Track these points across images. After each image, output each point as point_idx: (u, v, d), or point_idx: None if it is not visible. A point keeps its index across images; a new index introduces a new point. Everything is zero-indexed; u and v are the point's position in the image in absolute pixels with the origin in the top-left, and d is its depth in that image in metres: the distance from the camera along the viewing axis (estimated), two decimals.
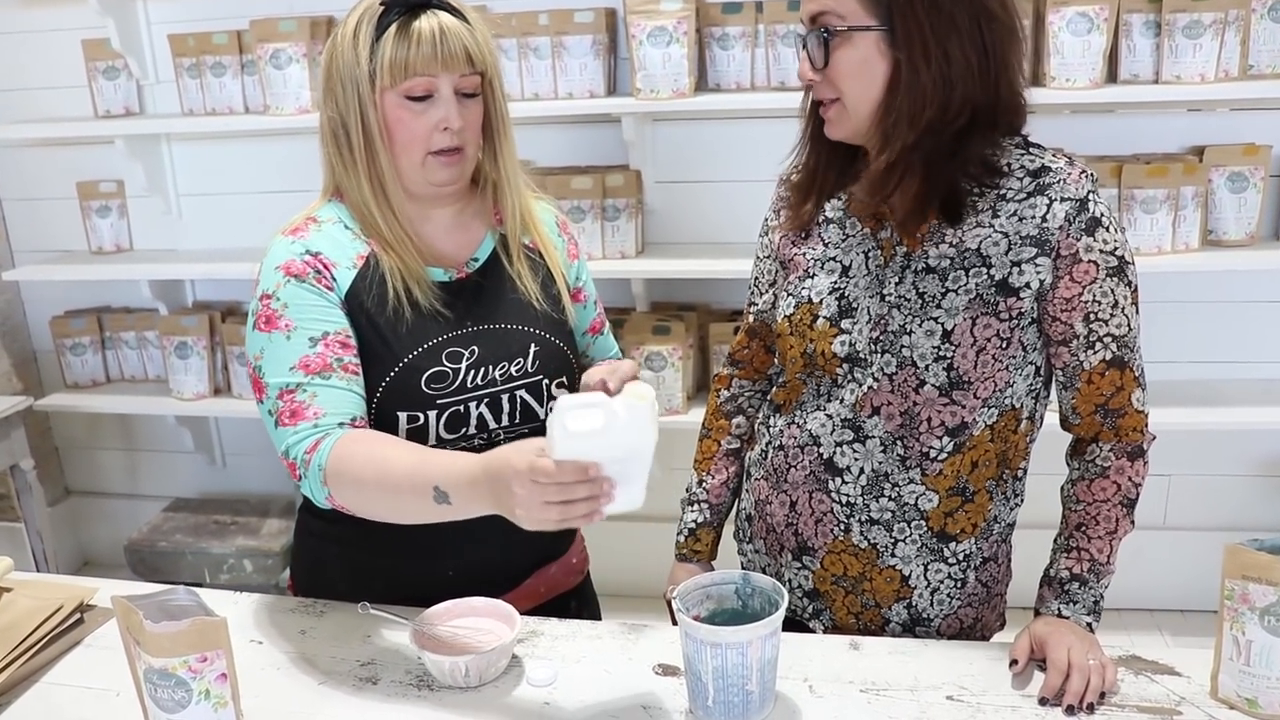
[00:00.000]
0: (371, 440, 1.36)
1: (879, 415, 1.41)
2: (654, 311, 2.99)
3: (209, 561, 3.15)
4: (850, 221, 1.45)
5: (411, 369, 1.44)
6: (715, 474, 1.67)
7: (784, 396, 1.53)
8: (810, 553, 1.51)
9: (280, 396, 1.38)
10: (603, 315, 1.71)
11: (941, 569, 1.47)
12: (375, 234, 1.47)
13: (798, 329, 1.46)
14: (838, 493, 1.46)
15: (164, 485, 3.58)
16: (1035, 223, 1.33)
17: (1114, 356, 1.38)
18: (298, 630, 1.50)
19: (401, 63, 1.39)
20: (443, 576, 1.53)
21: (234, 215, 3.21)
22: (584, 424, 1.12)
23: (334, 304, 1.43)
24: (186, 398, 3.16)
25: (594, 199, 2.80)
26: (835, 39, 1.31)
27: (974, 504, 1.45)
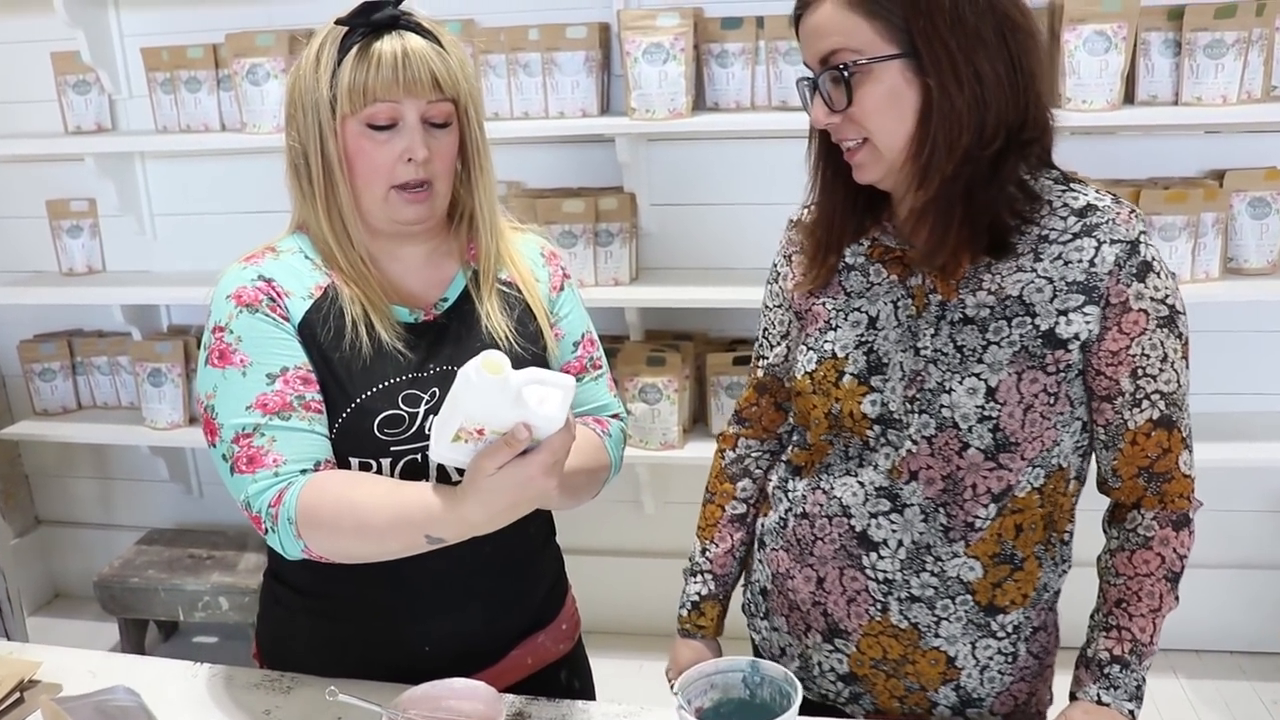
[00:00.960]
0: (341, 485, 1.25)
1: (918, 481, 1.29)
2: (649, 340, 2.87)
3: (183, 599, 3.01)
4: (874, 267, 1.34)
5: (364, 411, 1.32)
6: (720, 542, 1.54)
7: (805, 458, 1.41)
8: (844, 635, 1.37)
9: (236, 440, 1.27)
10: (590, 358, 1.52)
11: (990, 644, 1.34)
12: (336, 268, 1.36)
13: (821, 387, 1.34)
14: (873, 569, 1.33)
15: (138, 515, 3.44)
16: (1083, 267, 1.22)
17: (1161, 416, 1.26)
18: (262, 710, 1.38)
19: (360, 87, 1.27)
20: (419, 652, 1.41)
21: (210, 236, 3.07)
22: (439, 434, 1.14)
23: (290, 335, 1.31)
24: (160, 427, 3.03)
25: (586, 223, 2.68)
26: (856, 75, 1.19)
27: (1023, 572, 1.32)
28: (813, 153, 1.36)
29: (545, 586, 1.54)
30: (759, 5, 2.62)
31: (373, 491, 1.24)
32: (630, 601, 3.10)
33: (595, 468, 1.43)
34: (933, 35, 1.16)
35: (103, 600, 3.06)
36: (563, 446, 1.15)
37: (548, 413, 1.11)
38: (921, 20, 1.16)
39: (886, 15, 1.17)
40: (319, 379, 1.32)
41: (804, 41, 1.24)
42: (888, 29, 1.18)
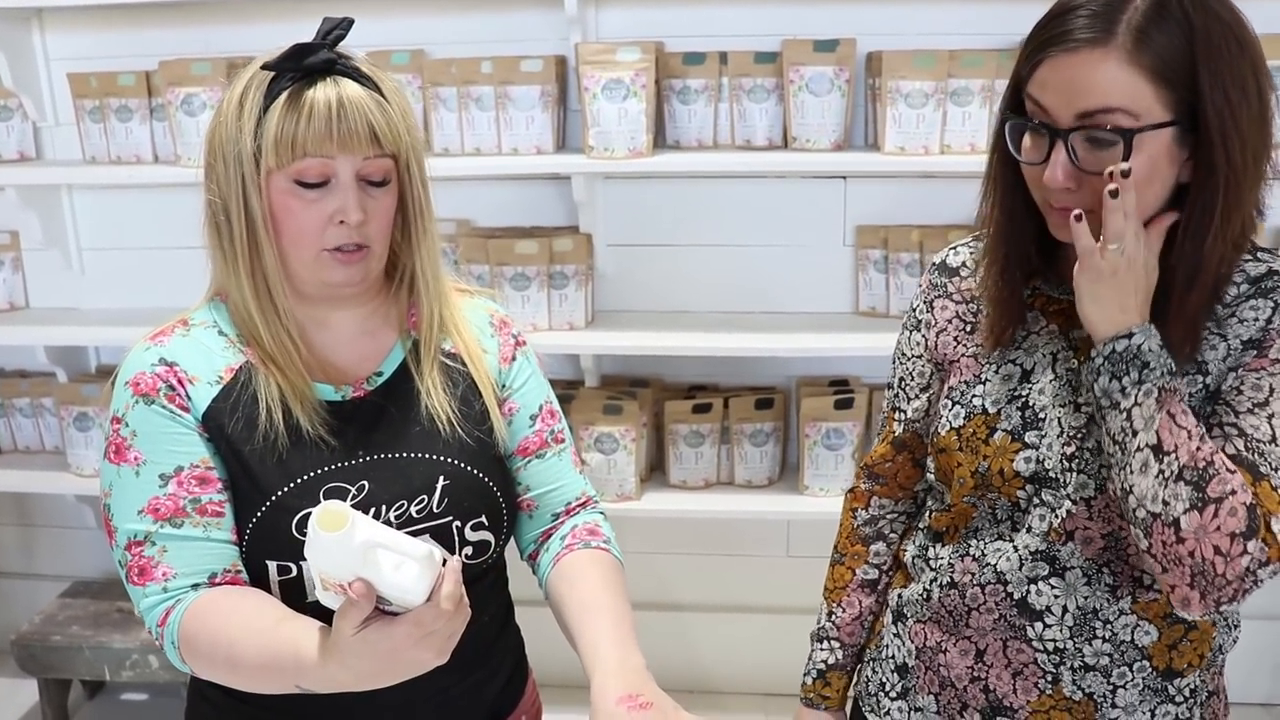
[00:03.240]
0: (220, 616, 1.13)
1: (1075, 542, 1.20)
2: (604, 386, 2.75)
3: (109, 657, 2.83)
4: (1032, 315, 1.25)
5: (281, 509, 1.19)
6: (848, 607, 1.44)
7: (947, 522, 1.31)
8: (1008, 712, 1.28)
9: (128, 548, 1.16)
10: (551, 432, 1.39)
11: (1170, 710, 1.25)
12: (255, 343, 1.22)
13: (969, 444, 1.25)
14: (1040, 640, 1.23)
15: (63, 565, 3.25)
16: (1258, 325, 1.14)
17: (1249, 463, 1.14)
18: None
19: (289, 140, 1.14)
20: None
21: (142, 272, 2.90)
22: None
23: (190, 429, 1.18)
24: (86, 474, 2.85)
25: (540, 265, 2.55)
26: (1135, 139, 1.07)
27: (1198, 632, 1.23)
28: (995, 193, 1.24)
29: (503, 677, 1.41)
30: (722, 40, 2.53)
31: (249, 627, 1.12)
32: None
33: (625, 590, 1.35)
34: (1225, 110, 1.06)
35: (20, 659, 2.86)
36: (434, 620, 1.00)
37: (400, 582, 0.98)
38: (1217, 94, 1.05)
39: (1174, 81, 1.06)
40: (229, 474, 1.20)
41: (1056, 88, 1.10)
42: (1170, 95, 1.06)
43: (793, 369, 2.75)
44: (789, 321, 2.62)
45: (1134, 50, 1.05)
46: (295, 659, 1.06)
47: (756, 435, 2.66)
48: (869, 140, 2.58)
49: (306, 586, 1.20)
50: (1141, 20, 1.06)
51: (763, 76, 2.48)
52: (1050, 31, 1.10)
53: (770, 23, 2.55)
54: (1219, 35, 1.06)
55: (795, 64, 2.42)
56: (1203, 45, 1.05)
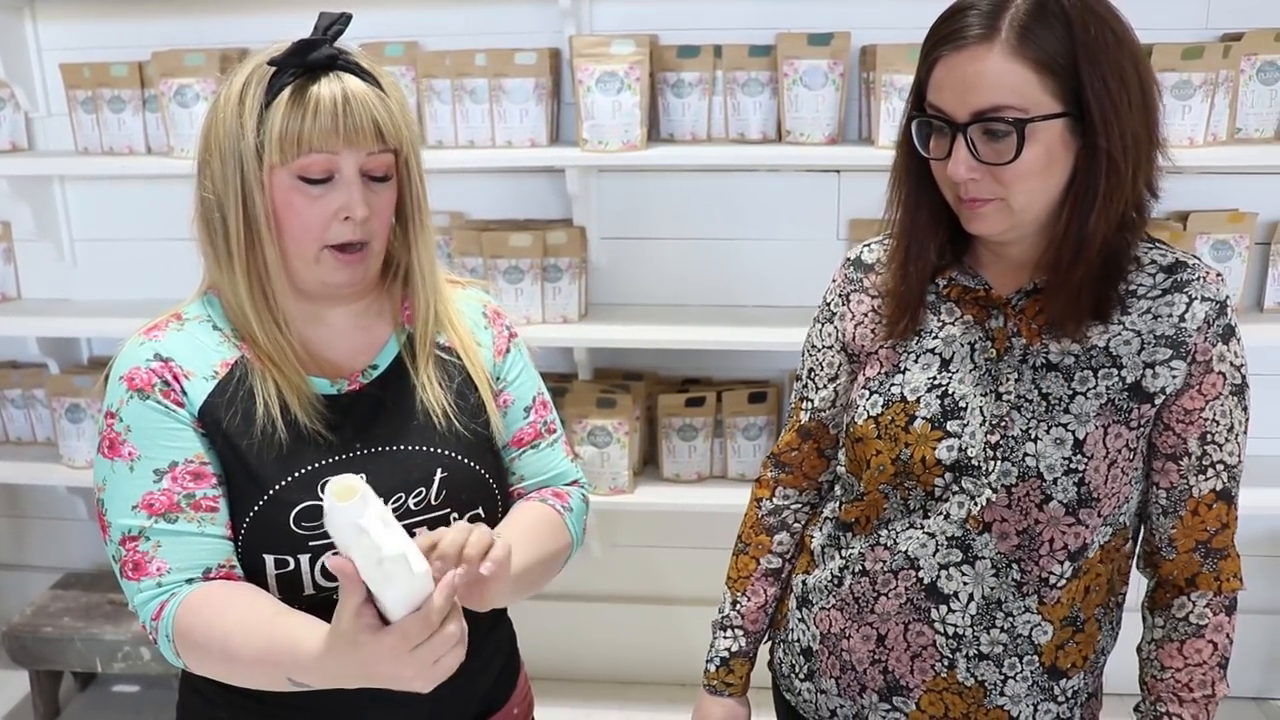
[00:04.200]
0: (216, 610, 1.13)
1: (990, 533, 1.23)
2: (598, 380, 2.75)
3: (101, 649, 2.83)
4: (947, 306, 1.28)
5: (279, 503, 1.19)
6: (753, 596, 1.47)
7: (857, 513, 1.34)
8: (903, 692, 1.32)
9: (123, 543, 1.15)
10: (544, 423, 1.41)
11: (1051, 709, 1.30)
12: (250, 339, 1.22)
13: (888, 432, 1.27)
14: (943, 623, 1.27)
15: (54, 556, 3.24)
16: (1172, 322, 1.19)
17: (1224, 488, 1.23)
18: None
19: (294, 136, 1.14)
20: None
21: (135, 264, 2.90)
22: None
23: (185, 424, 1.18)
24: (78, 465, 2.84)
25: (534, 258, 2.55)
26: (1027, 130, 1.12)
27: (1084, 634, 1.29)
28: (900, 191, 1.28)
29: (496, 670, 1.41)
30: (717, 34, 2.53)
31: (245, 620, 1.12)
32: (576, 647, 2.97)
33: (554, 553, 1.32)
34: (1104, 96, 1.11)
35: (12, 652, 2.86)
36: (419, 633, 1.00)
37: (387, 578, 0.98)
38: (1096, 81, 1.11)
39: (1058, 72, 1.11)
40: (226, 469, 1.19)
41: (951, 86, 1.15)
42: (1056, 86, 1.12)
43: (786, 362, 2.74)
44: (783, 315, 2.62)
45: (1018, 45, 1.12)
46: (291, 651, 1.06)
47: (750, 429, 2.66)
48: (863, 134, 2.58)
49: (304, 580, 1.20)
50: (1024, 17, 1.12)
51: (757, 70, 2.48)
52: (942, 32, 1.17)
53: (765, 16, 2.55)
54: (1096, 28, 1.12)
55: (790, 57, 2.42)
56: (1081, 37, 1.11)
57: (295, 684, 1.08)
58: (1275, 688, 3.00)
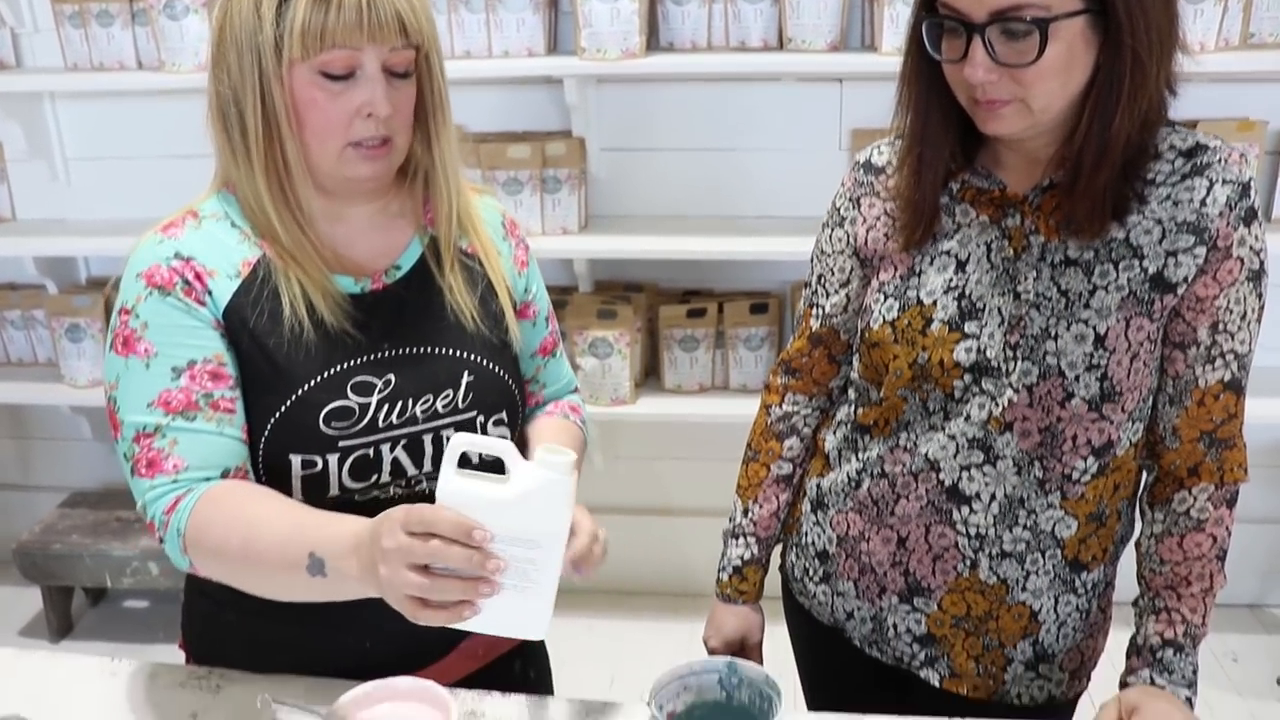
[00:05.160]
0: (238, 500, 1.12)
1: (1012, 433, 1.23)
2: (598, 292, 2.75)
3: (110, 565, 2.86)
4: (961, 208, 1.26)
5: (307, 403, 1.18)
6: (764, 503, 1.47)
7: (876, 416, 1.33)
8: (925, 594, 1.33)
9: (136, 440, 1.14)
10: (556, 333, 1.45)
11: (1071, 601, 1.32)
12: (270, 237, 1.20)
13: (905, 336, 1.26)
14: (964, 524, 1.28)
15: (60, 476, 3.27)
16: (1193, 207, 1.17)
17: (1232, 378, 1.22)
18: (188, 713, 1.25)
19: (318, 30, 1.10)
20: (360, 649, 1.29)
21: (130, 181, 2.87)
22: (475, 473, 0.94)
23: (205, 323, 1.17)
24: (80, 385, 2.85)
25: (532, 169, 2.53)
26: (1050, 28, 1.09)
27: (1105, 528, 1.30)
28: (910, 95, 1.25)
29: None
30: None
31: (276, 506, 1.12)
32: None
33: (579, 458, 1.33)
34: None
35: (23, 567, 2.90)
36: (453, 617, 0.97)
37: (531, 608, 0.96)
38: None
39: None
40: (251, 369, 1.18)
41: None
42: None
43: (787, 273, 2.74)
44: (784, 225, 2.61)
45: None
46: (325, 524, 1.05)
47: (751, 339, 2.66)
48: (866, 41, 2.54)
49: (331, 481, 1.20)
50: None
51: None
52: None
53: None
54: None
55: None
56: None
57: (313, 564, 1.05)
58: (1271, 595, 3.05)
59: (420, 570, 0.92)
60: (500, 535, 0.92)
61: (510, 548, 0.92)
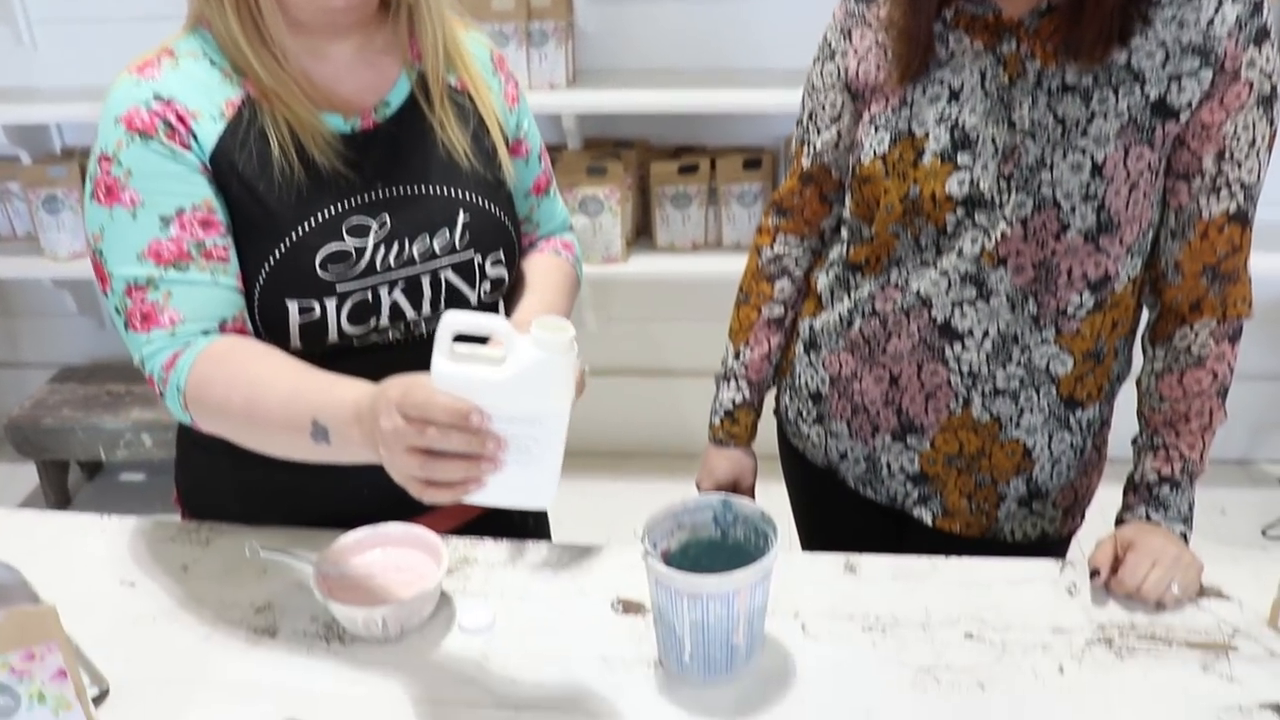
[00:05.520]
0: (240, 359, 1.08)
1: (1005, 268, 1.20)
2: (588, 150, 2.67)
3: (103, 438, 2.85)
4: (954, 35, 1.20)
5: (303, 247, 1.14)
6: (756, 346, 1.45)
7: (868, 253, 1.30)
8: (918, 432, 1.32)
9: (128, 293, 1.09)
10: (549, 171, 1.39)
11: (1065, 438, 1.31)
12: (250, 76, 1.14)
13: (896, 169, 1.22)
14: (957, 361, 1.26)
15: (48, 352, 3.23)
16: (1199, 28, 1.11)
17: (1238, 210, 1.17)
18: (179, 565, 1.24)
19: None
20: (356, 495, 1.27)
21: (101, 46, 2.75)
22: (474, 351, 0.89)
23: (191, 169, 1.11)
24: (62, 258, 2.79)
25: (518, 21, 2.43)
26: None
27: (1102, 366, 1.28)
28: None
29: None
30: None
31: (283, 362, 1.07)
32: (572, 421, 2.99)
33: (574, 301, 1.32)
34: None
35: (16, 442, 2.89)
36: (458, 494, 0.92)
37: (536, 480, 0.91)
38: None
39: None
40: (242, 215, 1.13)
41: None
42: None
43: (782, 128, 2.66)
44: (779, 78, 2.50)
45: None
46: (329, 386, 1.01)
47: (744, 196, 2.60)
48: None
49: (330, 327, 1.16)
50: None
51: None
52: None
53: None
54: None
55: None
56: None
57: (317, 431, 1.01)
58: (1259, 450, 3.06)
59: (420, 453, 0.89)
60: (499, 415, 0.88)
61: (511, 426, 0.89)
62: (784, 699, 1.02)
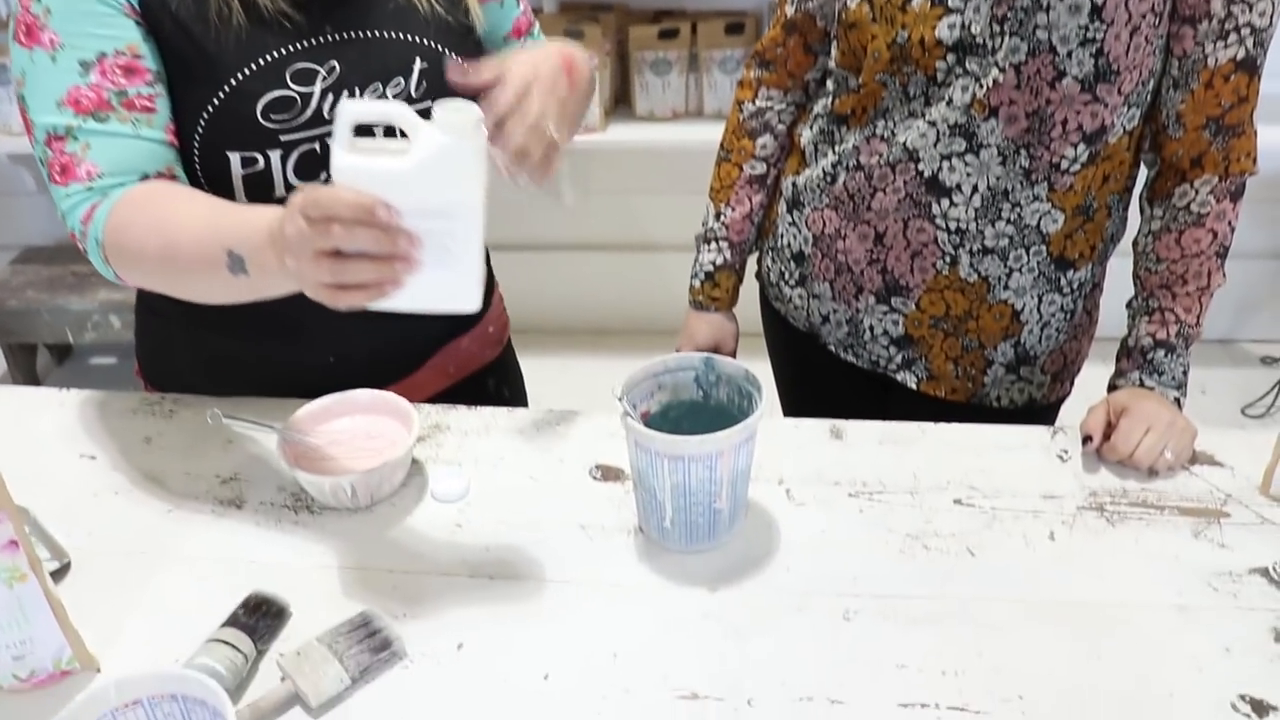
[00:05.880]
0: (157, 202, 1.01)
1: (997, 118, 1.13)
2: (564, 13, 2.57)
3: (70, 319, 2.78)
4: None
5: (243, 94, 1.06)
6: (737, 205, 1.39)
7: (853, 104, 1.24)
8: (903, 293, 1.28)
9: (48, 143, 1.02)
10: (530, 14, 1.30)
11: (1055, 300, 1.27)
12: None
13: (884, 14, 1.15)
14: (944, 218, 1.21)
15: (9, 233, 3.13)
16: None
17: (1246, 56, 1.10)
18: (141, 438, 1.20)
19: None
20: (322, 364, 1.23)
21: None
22: (379, 143, 0.82)
23: (115, 10, 1.02)
24: (16, 132, 2.67)
25: None
26: None
27: (1093, 223, 1.23)
28: None
29: None
30: None
31: (195, 204, 1.00)
32: (552, 298, 2.95)
33: (588, 80, 1.16)
34: None
35: None
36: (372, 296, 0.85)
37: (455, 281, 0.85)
38: None
39: None
40: (178, 59, 1.05)
41: None
42: None
43: None
44: None
45: None
46: (241, 218, 0.94)
47: (727, 62, 2.51)
48: None
49: (275, 180, 1.10)
50: None
51: None
52: None
53: None
54: None
55: None
56: None
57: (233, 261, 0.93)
58: (1241, 330, 3.04)
59: (330, 256, 0.82)
60: (408, 210, 0.81)
61: (422, 221, 0.82)
62: (768, 566, 0.99)
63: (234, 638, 0.88)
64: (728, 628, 0.93)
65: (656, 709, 0.85)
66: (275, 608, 0.94)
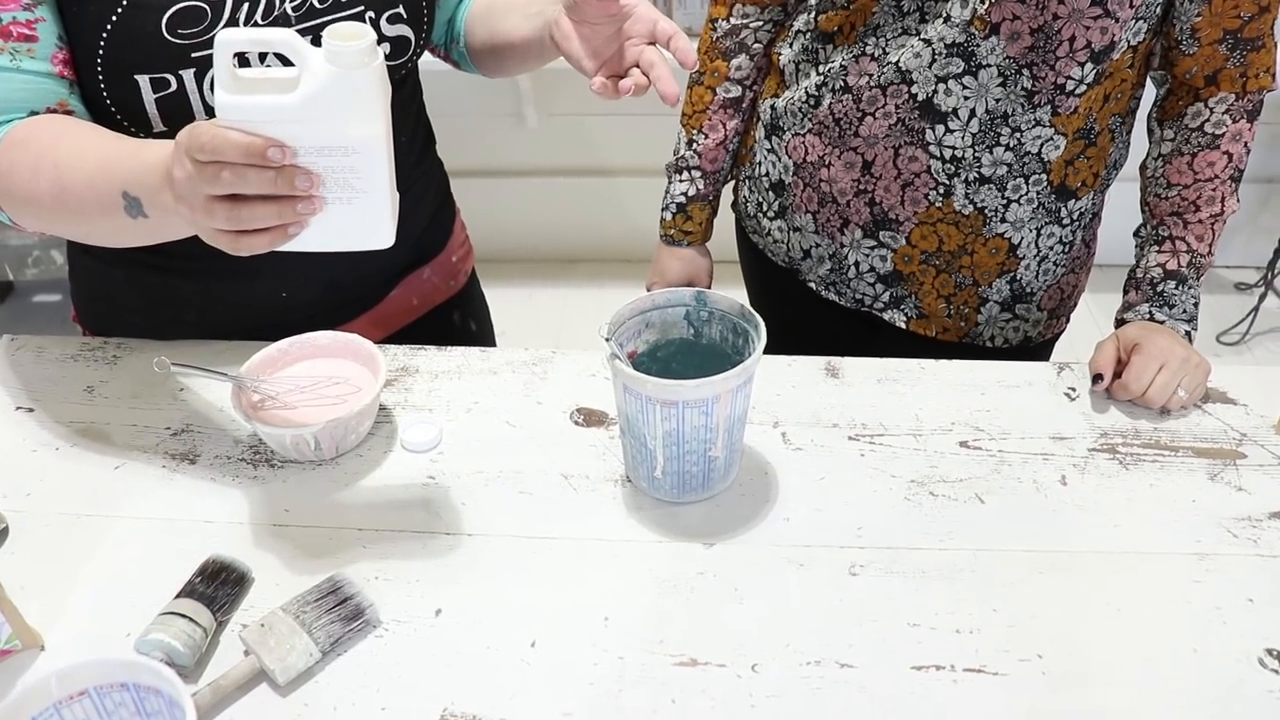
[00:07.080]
0: (46, 140, 0.90)
1: (998, 36, 1.04)
2: None
3: (7, 255, 2.65)
4: None
5: (143, 7, 0.93)
6: (710, 132, 1.30)
7: (841, 20, 1.14)
8: (892, 226, 1.20)
9: None
10: None
11: (1055, 233, 1.20)
12: None
13: None
14: (938, 145, 1.12)
15: None
16: None
17: None
18: (83, 387, 1.11)
19: None
20: (275, 301, 1.13)
21: None
22: (264, 75, 0.74)
23: None
24: None
25: None
26: None
27: (1096, 148, 1.15)
28: None
29: (427, 210, 1.24)
30: None
31: (86, 139, 0.89)
32: (514, 225, 2.85)
33: None
34: None
35: None
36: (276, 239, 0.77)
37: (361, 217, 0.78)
38: None
39: None
40: None
41: None
42: None
43: None
44: None
45: None
46: (134, 153, 0.84)
47: None
48: None
49: (192, 103, 0.97)
50: None
51: None
52: None
53: None
54: None
55: None
56: None
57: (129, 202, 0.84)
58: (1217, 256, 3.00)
59: (224, 200, 0.73)
60: (303, 147, 0.73)
61: (321, 158, 0.74)
62: (766, 517, 0.93)
63: (191, 609, 0.81)
64: (726, 586, 0.86)
65: (653, 678, 0.79)
66: (235, 574, 0.86)
